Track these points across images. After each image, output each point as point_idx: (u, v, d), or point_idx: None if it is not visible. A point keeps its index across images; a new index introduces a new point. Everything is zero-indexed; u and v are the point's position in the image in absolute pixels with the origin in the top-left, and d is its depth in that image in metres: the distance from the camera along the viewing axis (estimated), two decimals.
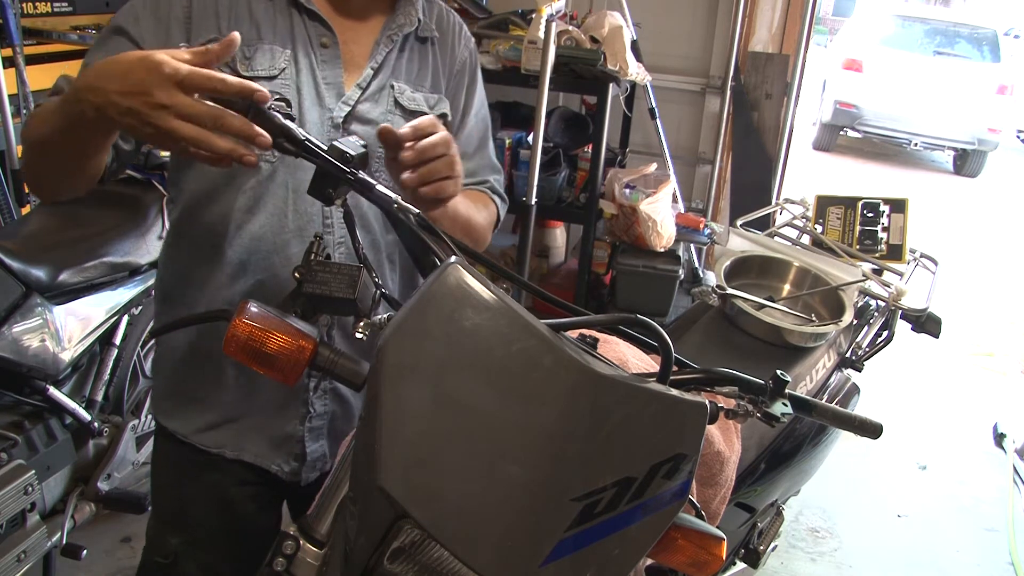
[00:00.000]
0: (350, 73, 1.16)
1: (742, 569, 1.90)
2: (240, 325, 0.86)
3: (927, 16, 9.51)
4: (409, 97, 1.19)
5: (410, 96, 1.20)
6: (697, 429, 0.83)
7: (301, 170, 1.11)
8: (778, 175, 3.88)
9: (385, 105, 1.18)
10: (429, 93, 1.23)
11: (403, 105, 1.18)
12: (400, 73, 1.20)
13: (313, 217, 1.14)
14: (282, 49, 1.11)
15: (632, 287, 3.20)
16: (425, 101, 1.21)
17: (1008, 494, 3.08)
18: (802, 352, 1.83)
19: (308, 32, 1.13)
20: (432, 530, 0.74)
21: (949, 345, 4.15)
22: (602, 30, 3.12)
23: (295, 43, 1.12)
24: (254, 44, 1.09)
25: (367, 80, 1.16)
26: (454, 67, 1.28)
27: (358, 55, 1.17)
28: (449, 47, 1.28)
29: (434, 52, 1.25)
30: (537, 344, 0.74)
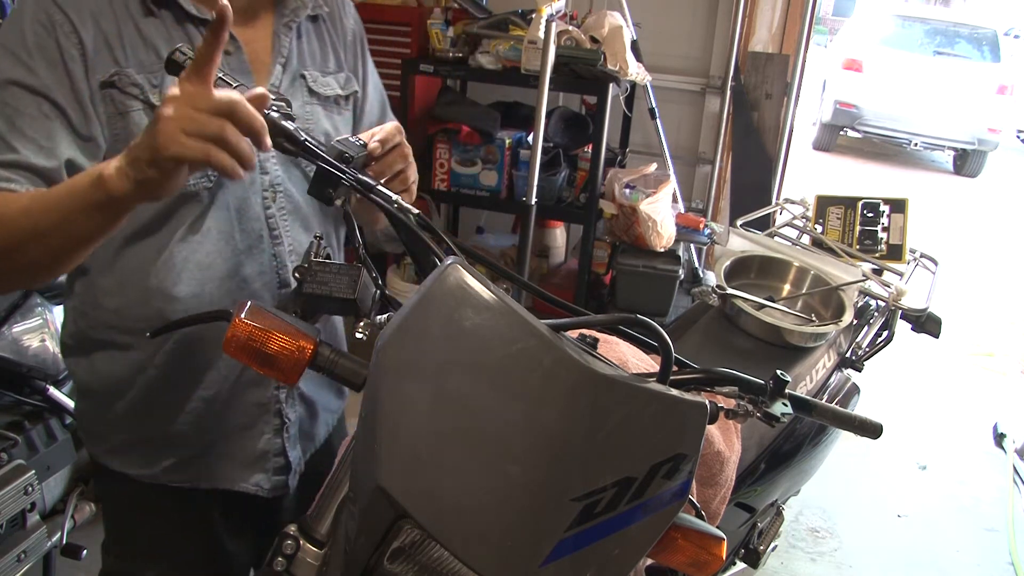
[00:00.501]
0: (259, 74, 1.10)
1: (742, 569, 1.90)
2: (240, 325, 0.86)
3: (927, 16, 9.51)
4: (321, 83, 1.17)
5: (322, 82, 1.17)
6: (697, 429, 0.83)
7: (242, 188, 1.08)
8: (778, 175, 3.87)
9: (301, 97, 1.15)
10: (336, 73, 1.20)
11: (317, 92, 1.16)
12: (305, 60, 1.16)
13: (261, 233, 1.11)
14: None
15: (632, 287, 3.20)
16: (336, 83, 1.19)
17: (1008, 494, 3.08)
18: (802, 352, 1.83)
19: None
20: (432, 530, 0.74)
21: (949, 345, 4.15)
22: (602, 30, 3.11)
23: None
24: (157, 69, 1.01)
25: (278, 78, 1.12)
26: (346, 39, 1.26)
27: (261, 53, 1.11)
28: (338, 19, 1.25)
29: (327, 28, 1.21)
30: (537, 344, 0.74)
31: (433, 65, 3.25)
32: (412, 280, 3.35)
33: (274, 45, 1.12)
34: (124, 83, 0.99)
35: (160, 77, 1.01)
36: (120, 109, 0.99)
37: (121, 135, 1.00)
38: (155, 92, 1.01)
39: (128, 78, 0.99)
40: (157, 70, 1.00)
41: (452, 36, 3.28)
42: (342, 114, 1.21)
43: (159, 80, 1.01)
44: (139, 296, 1.07)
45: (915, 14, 9.47)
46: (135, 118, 1.00)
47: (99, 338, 1.12)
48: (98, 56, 0.98)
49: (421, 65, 3.26)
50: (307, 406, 1.24)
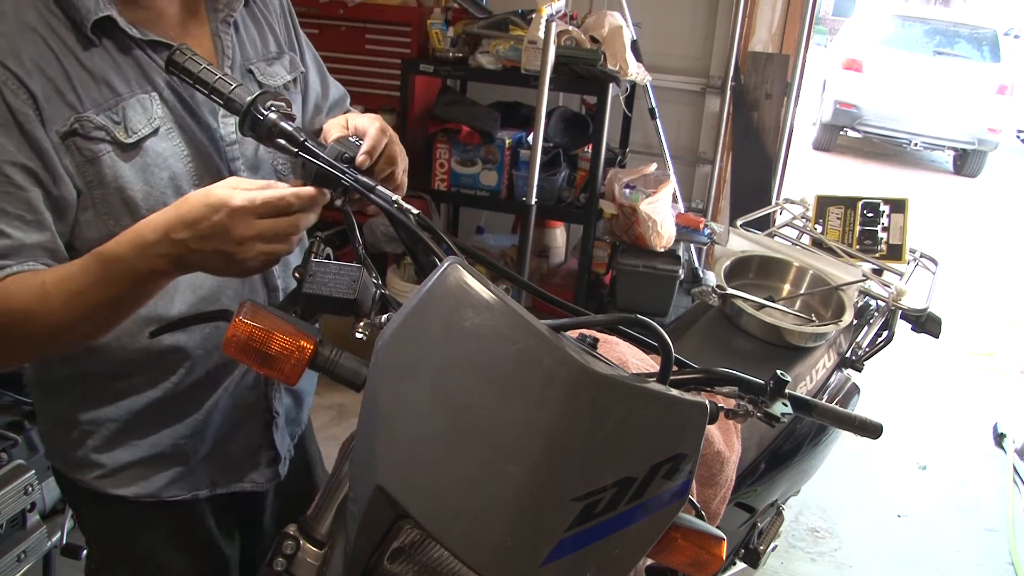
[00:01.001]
0: None
1: (742, 569, 1.90)
2: (240, 325, 0.86)
3: (927, 16, 9.51)
4: (269, 74, 1.14)
5: (269, 72, 1.14)
6: (697, 429, 0.83)
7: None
8: (778, 175, 3.87)
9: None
10: (280, 57, 1.17)
11: (267, 84, 1.13)
12: (248, 53, 1.12)
13: None
14: (146, 94, 0.98)
15: (632, 287, 3.20)
16: (283, 69, 1.16)
17: (1008, 494, 3.08)
18: (802, 352, 1.83)
19: (156, 62, 0.99)
20: (432, 530, 0.74)
21: (949, 345, 4.15)
22: (602, 30, 3.11)
23: (152, 81, 0.99)
24: (116, 104, 0.95)
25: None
26: (276, 14, 1.20)
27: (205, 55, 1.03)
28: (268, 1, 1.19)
29: (259, 10, 1.16)
30: (537, 344, 0.74)
31: (433, 65, 3.25)
32: (412, 280, 3.35)
33: (216, 46, 1.07)
34: (87, 129, 0.93)
35: (121, 112, 0.95)
36: (88, 156, 0.94)
37: (94, 181, 0.95)
38: (119, 128, 0.95)
39: (90, 122, 0.93)
40: (115, 106, 0.95)
41: (452, 36, 3.28)
42: (293, 99, 1.19)
43: (120, 115, 0.95)
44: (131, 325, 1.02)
45: (915, 14, 9.47)
46: (106, 162, 0.95)
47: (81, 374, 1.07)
48: (51, 106, 0.91)
49: (421, 65, 3.26)
50: (293, 395, 1.26)
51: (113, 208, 0.97)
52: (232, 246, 0.84)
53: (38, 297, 0.88)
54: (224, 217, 0.84)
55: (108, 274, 0.88)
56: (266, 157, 1.12)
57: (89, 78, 0.94)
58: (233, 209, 0.84)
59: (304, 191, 0.87)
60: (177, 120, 1.01)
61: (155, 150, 0.98)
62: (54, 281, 0.89)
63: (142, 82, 0.98)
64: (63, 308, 0.89)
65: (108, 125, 0.94)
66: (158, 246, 0.86)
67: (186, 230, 0.85)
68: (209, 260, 0.86)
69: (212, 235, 0.84)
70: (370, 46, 3.62)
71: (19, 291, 0.88)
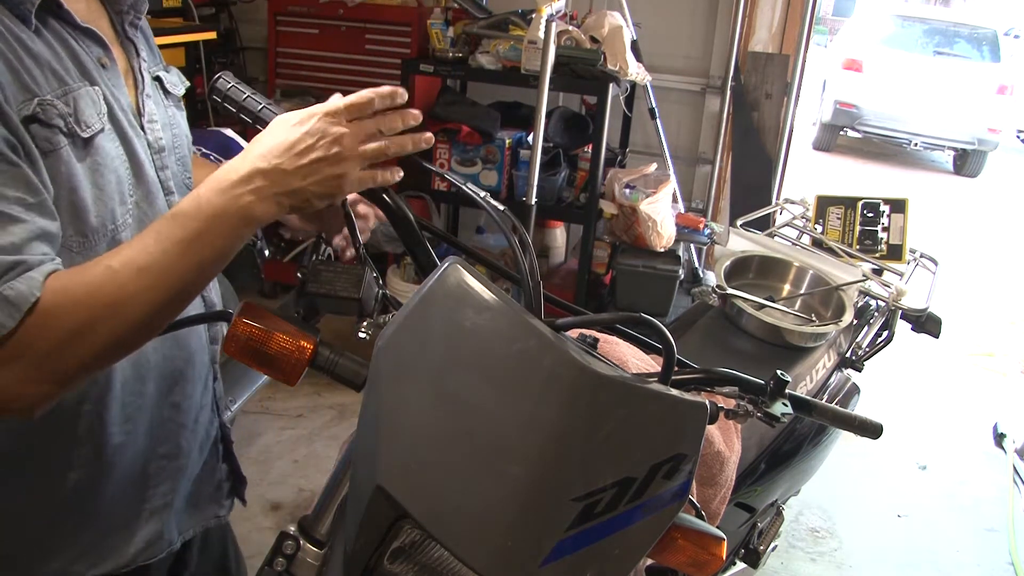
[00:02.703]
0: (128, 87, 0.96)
1: (742, 569, 1.90)
2: (240, 325, 0.86)
3: (927, 16, 9.51)
4: (172, 82, 1.06)
5: (172, 81, 1.06)
6: (697, 429, 0.83)
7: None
8: (778, 175, 3.87)
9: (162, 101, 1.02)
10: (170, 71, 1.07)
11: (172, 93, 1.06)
12: (149, 60, 1.02)
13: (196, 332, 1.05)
14: (92, 87, 0.87)
15: (632, 287, 3.20)
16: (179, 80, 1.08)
17: (1008, 494, 3.08)
18: (802, 352, 1.83)
19: (89, 55, 0.89)
20: (432, 530, 0.74)
21: (949, 345, 4.15)
22: (602, 30, 3.11)
23: (90, 75, 0.88)
24: (67, 94, 0.84)
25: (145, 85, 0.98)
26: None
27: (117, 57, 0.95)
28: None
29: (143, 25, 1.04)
30: (537, 344, 0.74)
31: (433, 65, 3.25)
32: (412, 280, 3.35)
33: (127, 49, 0.98)
34: (49, 115, 0.81)
35: (73, 103, 0.84)
36: (45, 148, 0.81)
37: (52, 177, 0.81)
38: (75, 122, 0.84)
39: (53, 108, 0.81)
40: (66, 95, 0.83)
41: (452, 36, 3.28)
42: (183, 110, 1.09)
43: (72, 106, 0.84)
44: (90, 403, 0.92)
45: (915, 14, 9.47)
46: (63, 156, 0.82)
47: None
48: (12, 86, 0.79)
49: (421, 65, 3.26)
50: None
51: (60, 212, 0.82)
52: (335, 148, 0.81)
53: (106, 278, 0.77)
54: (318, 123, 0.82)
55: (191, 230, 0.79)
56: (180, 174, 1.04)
57: (36, 64, 0.82)
58: (325, 113, 0.82)
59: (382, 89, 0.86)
60: (115, 122, 0.91)
61: (104, 150, 0.88)
62: (120, 260, 0.78)
63: (81, 77, 0.87)
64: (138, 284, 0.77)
65: (65, 115, 0.83)
66: (248, 182, 0.80)
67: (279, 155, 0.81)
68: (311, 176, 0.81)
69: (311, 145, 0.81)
70: (370, 46, 3.63)
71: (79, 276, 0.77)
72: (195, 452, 1.10)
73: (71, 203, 0.84)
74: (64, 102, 0.83)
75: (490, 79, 3.26)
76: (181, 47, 3.20)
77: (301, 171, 0.81)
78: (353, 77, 3.66)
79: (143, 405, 0.98)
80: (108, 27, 0.96)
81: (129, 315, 0.78)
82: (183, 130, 1.06)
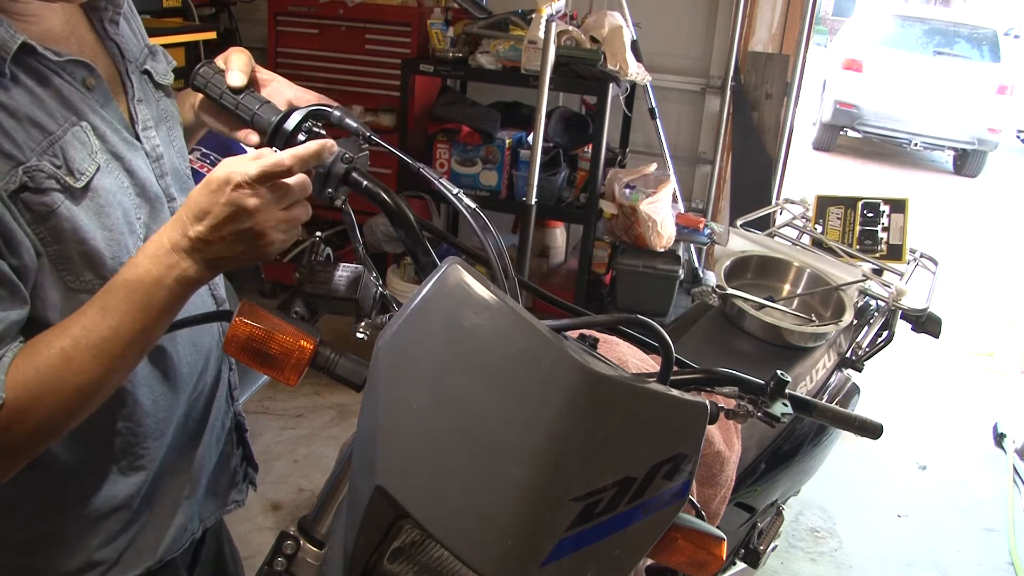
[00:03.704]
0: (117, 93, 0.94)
1: (742, 569, 1.90)
2: (240, 325, 0.86)
3: (927, 16, 9.51)
4: (161, 72, 1.03)
5: (160, 71, 1.03)
6: (697, 429, 0.83)
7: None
8: (778, 175, 3.88)
9: (152, 97, 1.01)
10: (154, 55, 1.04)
11: (162, 85, 1.03)
12: (135, 57, 0.99)
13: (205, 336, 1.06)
14: (77, 126, 0.85)
15: (632, 287, 3.20)
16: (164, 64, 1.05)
17: (1008, 494, 3.08)
18: (802, 352, 1.83)
19: (74, 85, 0.87)
20: (432, 530, 0.74)
21: (949, 345, 4.15)
22: (602, 30, 3.12)
23: (76, 110, 0.86)
24: (51, 146, 0.82)
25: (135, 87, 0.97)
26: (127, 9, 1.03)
27: (105, 68, 0.94)
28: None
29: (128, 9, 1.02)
30: (537, 344, 0.74)
31: (433, 65, 3.25)
32: (412, 280, 3.35)
33: (110, 50, 0.95)
34: (39, 180, 0.80)
35: (60, 154, 0.82)
36: (42, 212, 0.80)
37: (49, 238, 0.82)
38: (66, 174, 0.82)
39: (41, 172, 0.80)
40: (50, 147, 0.81)
41: (452, 36, 3.28)
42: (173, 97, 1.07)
43: (61, 158, 0.82)
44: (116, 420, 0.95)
45: (915, 14, 9.47)
46: (62, 214, 0.82)
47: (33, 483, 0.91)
48: None
49: (421, 65, 3.26)
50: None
51: (73, 263, 0.84)
52: (250, 222, 0.80)
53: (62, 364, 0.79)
54: (231, 194, 0.79)
55: (134, 302, 0.81)
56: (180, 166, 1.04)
57: (14, 122, 0.79)
58: (233, 180, 0.79)
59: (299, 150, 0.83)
60: (110, 149, 0.89)
61: (105, 188, 0.87)
62: (72, 340, 0.79)
63: (66, 113, 0.84)
64: (94, 363, 0.80)
65: (56, 173, 0.81)
66: (179, 251, 0.81)
67: (200, 223, 0.80)
68: (233, 246, 0.81)
69: (227, 218, 0.80)
70: (370, 46, 3.63)
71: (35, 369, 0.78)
72: (212, 442, 1.13)
73: (83, 253, 0.85)
74: (52, 156, 0.81)
75: (490, 79, 3.26)
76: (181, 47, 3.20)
77: (224, 241, 0.81)
78: (353, 77, 3.66)
79: (172, 417, 1.02)
80: (88, 32, 0.94)
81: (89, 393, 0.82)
82: (175, 117, 1.04)
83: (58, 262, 0.84)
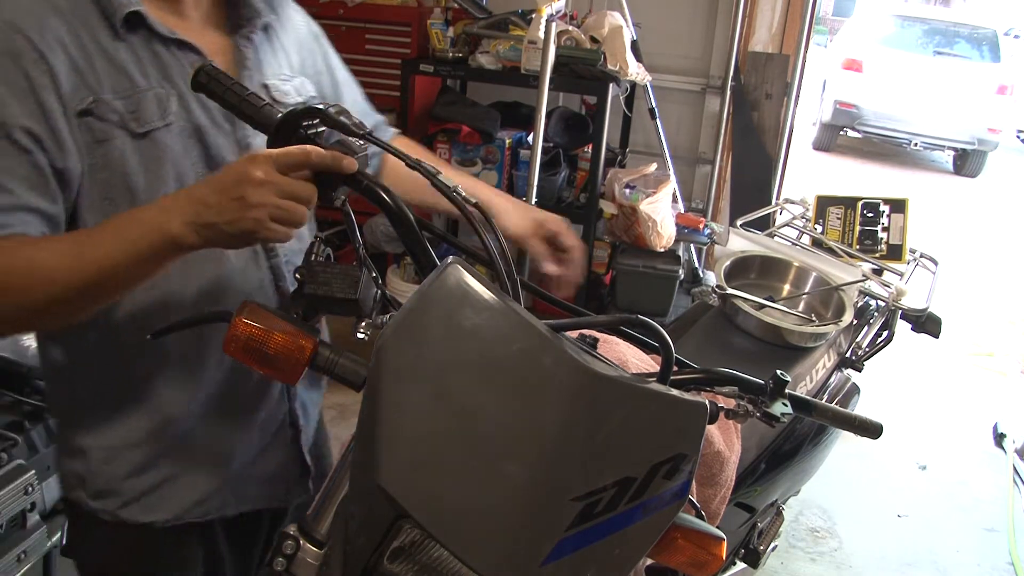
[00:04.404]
0: None
1: (742, 569, 1.90)
2: (240, 325, 0.86)
3: (927, 16, 9.51)
4: (281, 91, 1.14)
5: (283, 90, 1.15)
6: (697, 429, 0.83)
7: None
8: (778, 175, 3.87)
9: None
10: (291, 80, 1.18)
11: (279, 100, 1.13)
12: (263, 69, 1.12)
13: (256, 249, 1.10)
14: (166, 91, 0.99)
15: (632, 287, 3.20)
16: (294, 90, 1.17)
17: (1008, 494, 3.08)
18: (802, 352, 1.83)
19: (181, 62, 1.01)
20: (432, 530, 0.74)
21: (949, 345, 4.15)
22: (602, 30, 3.12)
23: (173, 80, 1.00)
24: (132, 94, 0.97)
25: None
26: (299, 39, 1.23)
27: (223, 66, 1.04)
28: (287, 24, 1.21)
29: (277, 35, 1.17)
30: (537, 344, 0.74)
31: (433, 65, 3.25)
32: (412, 280, 3.35)
33: (236, 58, 1.09)
34: (103, 111, 0.95)
35: (136, 103, 0.96)
36: (99, 137, 0.95)
37: (100, 163, 0.95)
38: (132, 118, 0.96)
39: (107, 105, 0.95)
40: (131, 95, 0.96)
41: (452, 36, 3.28)
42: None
43: (135, 105, 0.96)
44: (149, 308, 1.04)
45: (915, 14, 9.47)
46: (116, 145, 0.96)
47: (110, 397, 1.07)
48: (70, 83, 0.93)
49: (421, 65, 3.26)
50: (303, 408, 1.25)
51: (116, 192, 0.97)
52: (248, 189, 0.83)
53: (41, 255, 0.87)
54: (244, 161, 0.84)
55: (120, 231, 0.87)
56: None
57: (110, 66, 0.96)
58: (253, 155, 0.85)
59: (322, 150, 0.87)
60: (193, 120, 1.01)
61: (164, 143, 0.99)
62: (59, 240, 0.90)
63: (160, 79, 0.99)
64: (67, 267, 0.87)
65: (123, 112, 0.96)
66: (176, 204, 0.86)
67: (206, 185, 0.86)
68: (222, 212, 0.84)
69: (231, 183, 0.84)
70: (370, 46, 3.63)
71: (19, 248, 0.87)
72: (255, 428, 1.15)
73: (125, 185, 0.97)
74: (125, 100, 0.96)
75: (490, 79, 3.26)
76: None
77: (216, 206, 0.84)
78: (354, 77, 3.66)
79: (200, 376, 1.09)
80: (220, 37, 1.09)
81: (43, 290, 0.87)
82: None
83: (103, 187, 0.96)
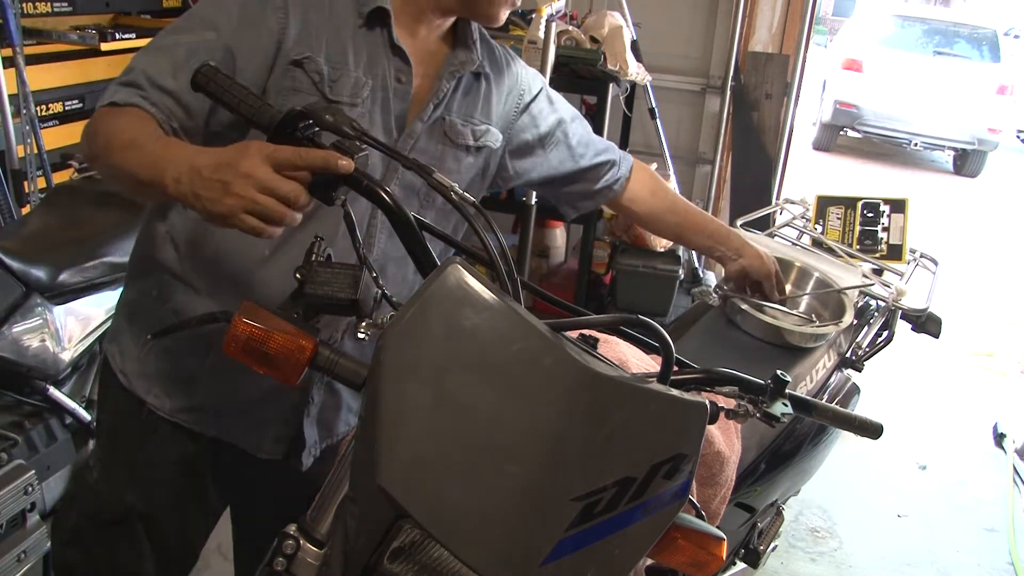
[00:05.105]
0: (414, 107, 1.19)
1: (742, 569, 1.89)
2: (240, 325, 0.86)
3: (927, 16, 9.52)
4: (458, 131, 1.23)
5: (459, 130, 1.23)
6: (697, 429, 0.83)
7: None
8: (778, 175, 3.87)
9: (437, 138, 1.22)
10: (476, 126, 1.26)
11: (451, 138, 1.23)
12: (452, 107, 1.22)
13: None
14: (365, 80, 1.12)
15: (632, 287, 3.20)
16: (472, 134, 1.25)
17: (1008, 494, 3.08)
18: (802, 352, 1.83)
19: (389, 66, 1.15)
20: (432, 530, 0.74)
21: (949, 345, 4.15)
22: (602, 30, 3.12)
23: (375, 76, 1.14)
24: (341, 69, 1.11)
25: (428, 116, 1.19)
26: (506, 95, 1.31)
27: (421, 89, 1.19)
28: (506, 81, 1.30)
29: (487, 87, 1.27)
30: (537, 344, 0.74)
31: None
32: None
33: (435, 87, 1.20)
34: (310, 67, 1.08)
35: (339, 75, 1.10)
36: (296, 87, 1.08)
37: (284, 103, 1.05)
38: (329, 86, 1.09)
39: (315, 64, 1.08)
40: (339, 68, 1.10)
41: None
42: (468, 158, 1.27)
43: (337, 76, 1.10)
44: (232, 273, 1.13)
45: (915, 14, 9.48)
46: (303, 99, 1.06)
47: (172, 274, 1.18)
48: (297, 37, 1.08)
49: None
50: (333, 396, 1.27)
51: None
52: (231, 177, 0.85)
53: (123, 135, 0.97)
54: (242, 148, 0.87)
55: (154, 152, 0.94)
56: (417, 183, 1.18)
57: (337, 39, 1.11)
58: (248, 144, 0.88)
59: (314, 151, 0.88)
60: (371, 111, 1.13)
61: None
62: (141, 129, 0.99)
63: (367, 70, 1.13)
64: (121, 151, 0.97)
65: (325, 75, 1.09)
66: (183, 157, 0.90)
67: (208, 156, 0.89)
68: (207, 188, 0.87)
69: (223, 164, 0.86)
70: None
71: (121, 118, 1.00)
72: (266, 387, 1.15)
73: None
74: (332, 69, 1.10)
75: None
76: None
77: (204, 182, 0.87)
78: None
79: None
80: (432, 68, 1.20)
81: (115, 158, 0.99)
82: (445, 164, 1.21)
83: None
